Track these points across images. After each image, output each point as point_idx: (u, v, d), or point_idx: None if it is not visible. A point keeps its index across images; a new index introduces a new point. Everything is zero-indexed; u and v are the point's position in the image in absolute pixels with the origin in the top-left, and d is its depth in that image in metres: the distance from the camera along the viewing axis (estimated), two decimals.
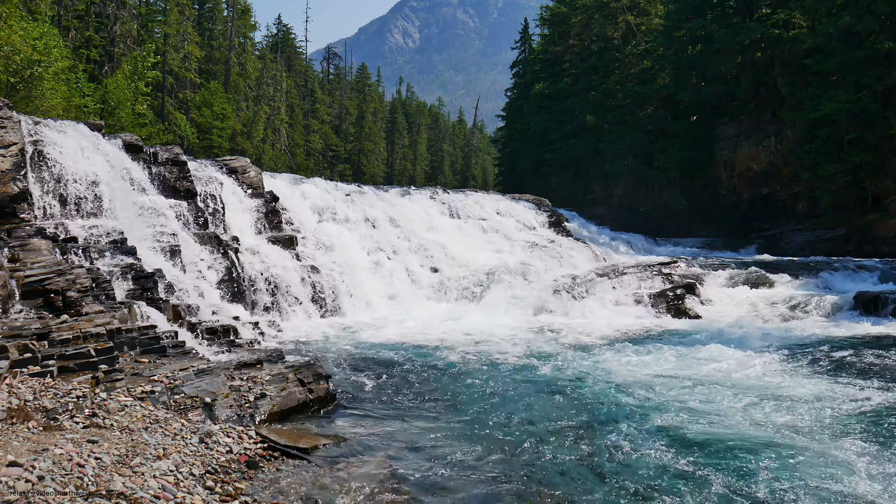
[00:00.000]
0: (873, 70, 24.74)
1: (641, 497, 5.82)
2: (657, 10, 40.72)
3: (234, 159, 19.17)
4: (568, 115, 44.09)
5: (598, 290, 17.87)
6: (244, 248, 15.48)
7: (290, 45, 64.20)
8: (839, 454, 6.74)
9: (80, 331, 7.90)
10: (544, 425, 7.70)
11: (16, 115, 12.51)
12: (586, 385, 9.58)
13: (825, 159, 26.24)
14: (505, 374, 10.35)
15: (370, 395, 9.04)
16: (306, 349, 12.14)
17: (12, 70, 21.45)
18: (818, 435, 7.34)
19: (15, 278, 9.29)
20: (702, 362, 11.11)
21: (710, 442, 7.14)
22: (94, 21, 35.54)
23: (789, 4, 30.68)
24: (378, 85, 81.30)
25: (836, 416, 8.04)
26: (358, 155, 67.16)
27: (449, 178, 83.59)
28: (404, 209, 22.21)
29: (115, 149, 14.73)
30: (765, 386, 9.46)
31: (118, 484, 4.60)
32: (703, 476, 6.23)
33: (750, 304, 16.92)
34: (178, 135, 38.28)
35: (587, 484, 6.07)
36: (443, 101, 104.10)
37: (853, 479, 6.13)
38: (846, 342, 12.89)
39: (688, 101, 35.24)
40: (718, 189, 34.28)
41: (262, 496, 5.39)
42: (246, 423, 7.13)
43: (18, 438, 5.12)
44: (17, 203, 11.31)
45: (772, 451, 6.87)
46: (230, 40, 48.57)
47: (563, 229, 25.88)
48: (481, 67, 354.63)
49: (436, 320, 15.69)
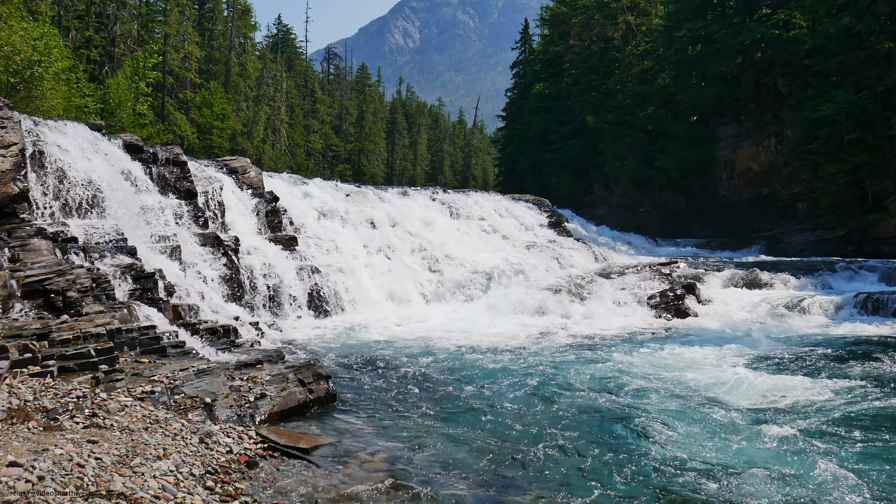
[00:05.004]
0: (873, 70, 24.74)
1: (641, 497, 5.82)
2: (657, 11, 40.75)
3: (235, 159, 19.17)
4: (568, 115, 44.11)
5: (599, 290, 17.87)
6: (244, 248, 15.48)
7: (290, 46, 64.23)
8: (839, 454, 6.74)
9: (81, 331, 7.90)
10: (544, 425, 7.70)
11: (16, 115, 12.50)
12: (586, 385, 9.57)
13: (825, 159, 26.23)
14: (504, 374, 10.35)
15: (370, 395, 9.03)
16: (306, 349, 12.14)
17: (13, 70, 21.46)
18: (818, 435, 7.33)
19: (15, 278, 9.29)
20: (702, 363, 11.11)
21: (710, 442, 7.14)
22: (94, 21, 35.56)
23: (789, 4, 30.68)
24: (378, 85, 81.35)
25: (836, 416, 8.03)
26: (358, 155, 67.19)
27: (449, 178, 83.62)
28: (404, 209, 22.21)
29: (116, 149, 14.73)
30: (764, 386, 9.45)
31: (118, 484, 4.60)
32: (704, 476, 6.22)
33: (750, 304, 16.90)
34: (179, 135, 38.30)
35: (588, 484, 6.07)
36: (443, 101, 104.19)
37: (853, 479, 6.13)
38: (846, 342, 12.88)
39: (688, 101, 35.26)
40: (718, 189, 34.28)
41: (262, 496, 5.39)
42: (246, 424, 7.13)
43: (18, 438, 5.12)
44: (17, 203, 11.31)
45: (771, 451, 6.87)
46: (230, 40, 48.59)
47: (563, 229, 25.88)
48: (481, 68, 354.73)
49: (436, 321, 15.69)
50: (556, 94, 45.95)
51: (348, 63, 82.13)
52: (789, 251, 27.31)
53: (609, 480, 6.16)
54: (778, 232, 29.92)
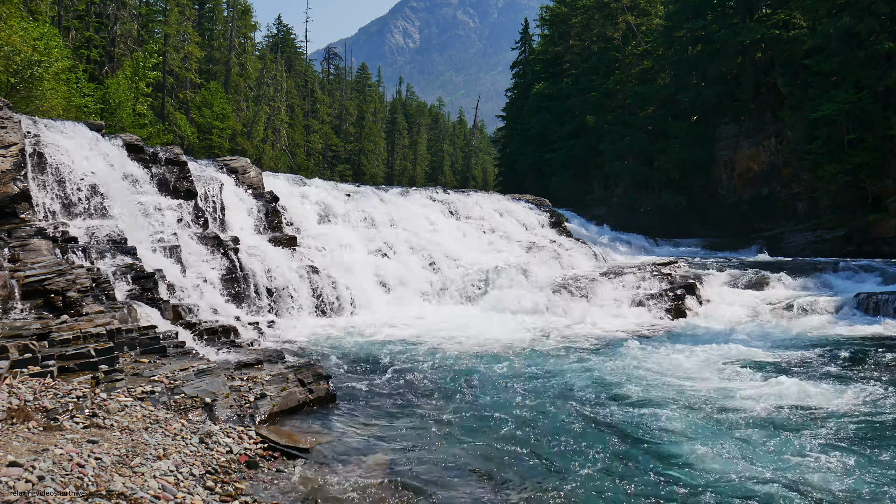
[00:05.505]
0: (873, 70, 24.73)
1: (641, 497, 5.82)
2: (657, 11, 40.74)
3: (235, 159, 19.17)
4: (568, 115, 44.10)
5: (599, 290, 17.86)
6: (244, 248, 15.47)
7: (290, 46, 64.23)
8: (839, 455, 6.74)
9: (80, 331, 7.90)
10: (544, 425, 7.70)
11: (16, 115, 12.51)
12: (586, 388, 9.57)
13: (825, 160, 26.22)
14: (504, 374, 10.34)
15: (370, 395, 9.03)
16: (306, 349, 12.14)
17: (12, 70, 21.47)
18: (818, 436, 7.33)
19: (15, 278, 9.29)
20: (702, 364, 11.11)
21: (710, 443, 7.13)
22: (94, 21, 35.56)
23: (789, 4, 30.68)
24: (378, 85, 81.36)
25: (836, 416, 8.03)
26: (358, 155, 67.19)
27: (449, 178, 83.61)
28: (404, 209, 22.19)
29: (116, 149, 14.73)
30: (764, 387, 9.45)
31: (118, 484, 4.60)
32: (704, 477, 6.22)
33: (750, 304, 16.90)
34: (179, 135, 38.30)
35: (588, 484, 6.06)
36: (443, 101, 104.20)
37: (852, 478, 6.13)
38: (846, 342, 12.88)
39: (688, 101, 35.25)
40: (718, 189, 34.28)
41: (262, 496, 5.39)
42: (246, 424, 7.13)
43: (18, 438, 5.12)
44: (17, 203, 11.31)
45: (770, 452, 6.87)
46: (230, 40, 48.60)
47: (563, 229, 25.87)
48: (481, 68, 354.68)
49: (436, 321, 15.68)
50: (556, 94, 45.94)
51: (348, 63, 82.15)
52: (789, 251, 27.30)
53: (610, 484, 6.15)
54: (778, 232, 29.91)
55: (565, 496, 5.78)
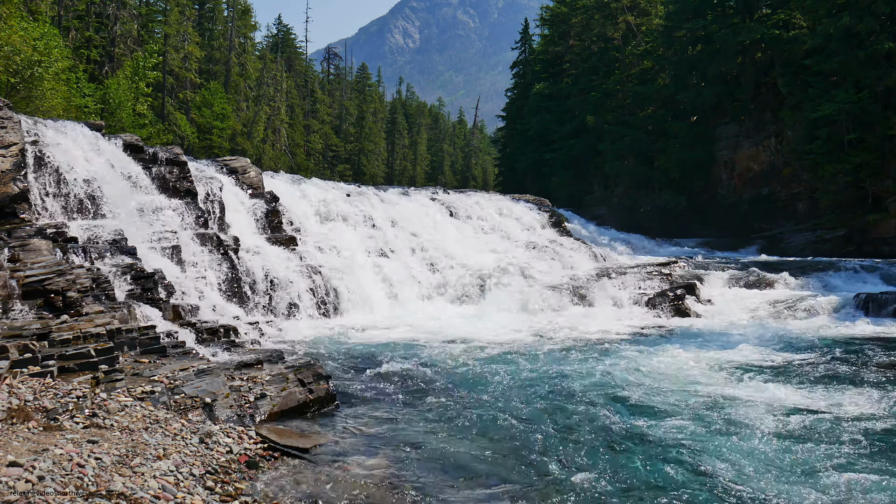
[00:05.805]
0: (873, 70, 24.74)
1: (641, 496, 5.82)
2: (657, 11, 40.76)
3: (235, 159, 19.17)
4: (568, 115, 44.11)
5: (599, 290, 17.87)
6: (244, 248, 15.48)
7: (290, 46, 64.26)
8: (839, 454, 6.74)
9: (80, 331, 7.90)
10: (544, 425, 7.70)
11: (16, 115, 12.51)
12: (586, 388, 9.57)
13: (825, 160, 26.23)
14: (505, 374, 10.34)
15: (370, 395, 9.03)
16: (306, 349, 12.13)
17: (13, 70, 21.47)
18: (819, 438, 7.33)
19: (15, 278, 9.29)
20: (701, 363, 11.11)
21: (711, 445, 7.13)
22: (94, 21, 35.56)
23: (789, 4, 30.69)
24: (378, 85, 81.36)
25: (835, 416, 8.03)
26: (358, 155, 67.19)
27: (449, 178, 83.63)
28: (404, 209, 22.20)
29: (116, 149, 14.73)
30: (764, 388, 9.45)
31: (118, 484, 4.60)
32: (705, 480, 6.22)
33: (750, 304, 16.90)
34: (179, 135, 38.30)
35: (588, 484, 6.06)
36: (443, 101, 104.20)
37: (851, 479, 6.13)
38: (846, 343, 12.88)
39: (688, 101, 35.26)
40: (718, 189, 34.29)
41: (262, 496, 5.39)
42: (246, 424, 7.13)
43: (18, 438, 5.12)
44: (17, 203, 11.31)
45: (771, 454, 6.87)
46: (230, 40, 48.60)
47: (563, 229, 25.88)
48: (481, 68, 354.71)
49: (436, 321, 15.68)
50: (556, 94, 45.95)
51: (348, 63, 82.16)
52: (789, 251, 27.31)
53: (610, 485, 6.15)
54: (778, 232, 29.93)
55: (565, 498, 5.78)
